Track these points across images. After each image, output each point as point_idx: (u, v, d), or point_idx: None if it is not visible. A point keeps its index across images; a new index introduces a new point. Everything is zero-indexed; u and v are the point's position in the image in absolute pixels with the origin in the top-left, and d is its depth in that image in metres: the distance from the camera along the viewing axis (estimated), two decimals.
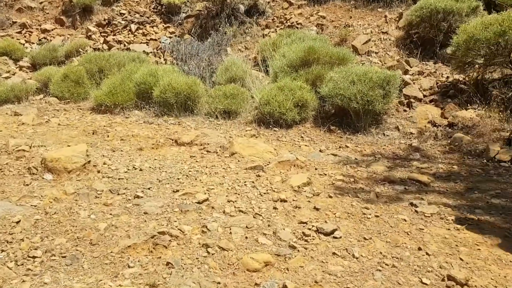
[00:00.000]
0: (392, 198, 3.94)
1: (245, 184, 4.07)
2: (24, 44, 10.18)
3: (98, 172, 4.18)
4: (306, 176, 4.27)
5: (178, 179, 4.12)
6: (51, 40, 10.39)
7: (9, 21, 11.10)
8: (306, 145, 5.62)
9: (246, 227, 3.16)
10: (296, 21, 8.84)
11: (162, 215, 3.32)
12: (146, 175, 4.25)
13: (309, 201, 3.76)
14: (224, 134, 5.75)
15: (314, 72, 6.43)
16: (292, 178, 4.24)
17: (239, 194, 3.82)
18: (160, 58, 8.92)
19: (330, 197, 3.87)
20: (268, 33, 8.86)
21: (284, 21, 8.96)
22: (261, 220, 3.29)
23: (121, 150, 5.13)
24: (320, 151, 5.39)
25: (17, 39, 10.29)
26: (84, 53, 9.44)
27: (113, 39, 10.09)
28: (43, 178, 3.87)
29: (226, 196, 3.74)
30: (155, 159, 4.81)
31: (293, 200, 3.74)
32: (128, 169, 4.39)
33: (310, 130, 6.14)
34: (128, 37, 10.02)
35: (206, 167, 4.54)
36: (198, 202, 3.54)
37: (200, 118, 6.67)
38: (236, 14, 9.15)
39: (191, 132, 5.70)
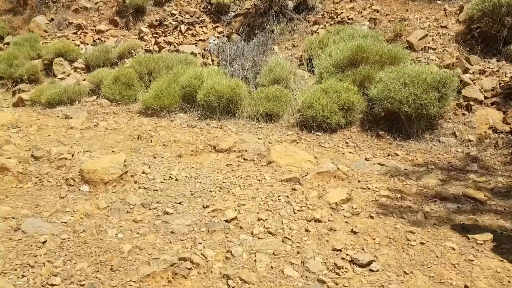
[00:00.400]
0: (442, 219, 3.54)
1: (278, 199, 3.86)
2: (79, 45, 10.56)
3: (135, 182, 4.16)
4: (346, 191, 3.97)
5: (211, 191, 3.99)
6: (105, 41, 10.71)
7: (66, 22, 11.57)
8: (350, 152, 5.28)
9: (273, 253, 2.95)
10: (347, 16, 8.38)
11: (188, 235, 3.20)
12: (181, 186, 4.16)
13: (346, 222, 3.47)
14: (264, 140, 5.56)
15: (362, 72, 6.03)
16: (330, 193, 3.96)
17: (270, 211, 3.61)
18: (207, 59, 8.87)
19: (371, 217, 3.55)
20: (317, 29, 8.49)
21: (335, 16, 8.53)
22: (290, 245, 3.07)
23: (162, 157, 5.11)
24: (366, 159, 5.03)
25: (73, 40, 10.70)
26: (135, 54, 9.62)
27: (164, 40, 10.20)
28: (79, 189, 3.91)
29: (257, 213, 3.55)
30: (192, 167, 4.72)
31: (329, 221, 3.47)
32: (165, 179, 4.34)
33: (356, 135, 5.77)
34: (178, 38, 10.08)
35: (241, 177, 4.38)
36: (227, 221, 3.38)
37: (241, 121, 6.52)
38: (284, 11, 8.87)
39: (230, 137, 5.56)
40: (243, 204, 3.68)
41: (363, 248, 3.07)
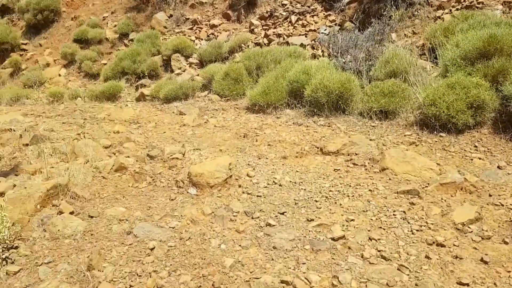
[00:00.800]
0: None
1: (393, 215, 3.46)
2: (194, 41, 10.97)
3: (239, 186, 4.10)
4: (475, 209, 3.40)
5: (316, 201, 3.74)
6: (217, 36, 10.97)
7: (183, 17, 12.10)
8: (480, 158, 4.58)
9: (387, 284, 2.61)
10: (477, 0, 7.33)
11: (291, 252, 3.01)
12: (284, 193, 3.99)
13: (475, 248, 2.96)
14: (377, 141, 5.11)
15: (495, 65, 5.18)
16: (456, 210, 3.44)
17: (384, 229, 3.24)
18: (317, 50, 8.53)
19: (506, 243, 2.99)
20: (441, 15, 7.58)
21: (462, 0, 7.52)
22: (407, 274, 2.69)
23: (266, 158, 5.00)
24: (499, 167, 4.31)
25: (188, 35, 11.16)
26: (245, 48, 9.69)
27: (273, 32, 10.09)
28: (188, 192, 3.98)
29: (368, 231, 3.22)
30: (296, 171, 4.52)
31: (454, 245, 2.99)
32: (268, 184, 4.21)
33: (487, 137, 4.99)
34: (288, 29, 9.88)
35: (350, 186, 4.05)
36: (333, 239, 3.11)
37: (352, 118, 6.11)
38: None
39: (338, 138, 5.22)
40: (352, 220, 3.36)
41: (495, 283, 2.57)
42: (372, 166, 4.47)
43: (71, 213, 3.51)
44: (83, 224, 3.37)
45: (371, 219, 3.41)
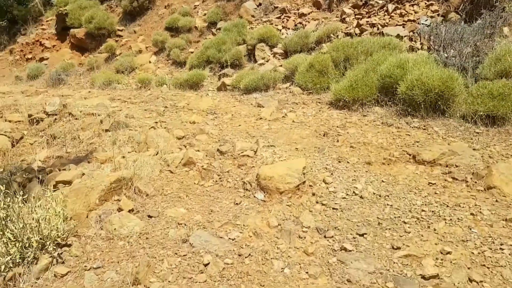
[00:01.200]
0: None
1: (500, 249, 2.76)
2: (280, 30, 10.56)
3: (313, 195, 3.63)
4: None
5: (405, 223, 3.15)
6: (305, 25, 10.44)
7: (272, 6, 11.72)
8: None
9: None
10: None
11: None
12: (366, 208, 3.44)
13: None
14: (481, 152, 4.30)
15: None
16: None
17: (488, 268, 2.58)
18: (415, 42, 7.64)
19: None
20: None
21: None
22: None
23: (347, 162, 4.45)
24: None
25: (275, 25, 10.76)
26: (334, 38, 9.05)
27: (367, 22, 9.30)
28: (254, 196, 3.61)
29: (468, 269, 2.58)
30: (382, 181, 3.92)
31: None
32: (347, 194, 3.68)
33: None
34: (383, 19, 9.03)
35: (447, 206, 3.37)
36: (424, 277, 2.53)
37: (452, 122, 5.28)
38: None
39: (435, 145, 4.49)
40: (448, 252, 2.73)
41: None
42: (475, 182, 3.73)
43: (131, 210, 3.33)
44: (140, 225, 3.16)
45: (472, 253, 2.75)
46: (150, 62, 11.72)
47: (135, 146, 4.66)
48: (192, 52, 11.40)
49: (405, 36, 7.80)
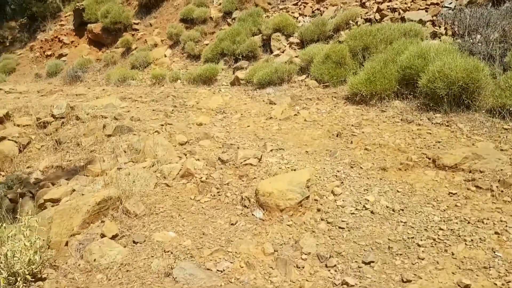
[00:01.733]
0: None
1: None
2: (297, 18, 10.07)
3: (318, 211, 3.32)
4: None
5: (419, 245, 2.81)
6: (323, 12, 9.93)
7: None
8: None
9: None
10: None
11: None
12: (376, 226, 3.10)
13: None
14: (510, 153, 3.87)
15: None
16: None
17: None
18: (439, 27, 7.07)
19: None
20: None
21: None
22: None
23: (361, 167, 4.10)
24: None
25: (292, 12, 10.28)
26: (353, 25, 8.55)
27: (388, 6, 8.73)
28: (252, 214, 3.32)
29: None
30: (397, 191, 3.57)
31: None
32: (357, 209, 3.35)
33: None
34: (405, 3, 8.45)
35: (469, 221, 3.00)
36: None
37: (478, 117, 4.83)
38: None
39: (458, 146, 4.09)
40: (467, 286, 2.38)
41: None
42: (502, 191, 3.33)
43: (115, 236, 3.11)
44: (123, 253, 2.94)
45: (495, 284, 2.39)
46: (165, 56, 11.52)
47: (134, 155, 4.45)
48: (207, 45, 11.10)
49: (428, 21, 7.24)
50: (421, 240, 2.84)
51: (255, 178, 3.80)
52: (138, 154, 4.37)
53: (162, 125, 5.52)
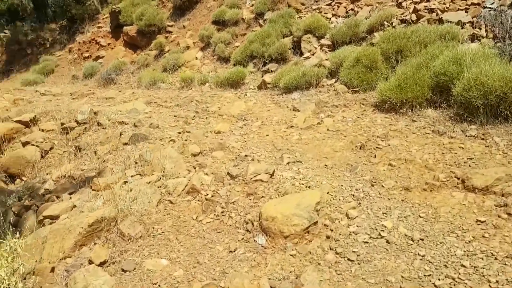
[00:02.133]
0: None
1: None
2: (330, 19, 9.70)
3: (327, 238, 3.04)
4: None
5: (435, 286, 2.48)
6: (358, 12, 9.50)
7: None
8: None
9: None
10: None
11: None
12: (391, 259, 2.79)
13: None
14: None
15: None
16: None
17: None
18: (479, 29, 6.53)
19: None
20: None
21: None
22: None
23: (382, 186, 3.78)
24: None
25: (325, 13, 9.92)
26: (388, 26, 8.11)
27: (425, 6, 8.21)
28: (254, 240, 3.08)
29: None
30: (419, 217, 3.24)
31: None
32: (371, 237, 3.05)
33: None
34: (443, 3, 7.90)
35: (496, 257, 2.64)
36: None
37: None
38: None
39: (491, 165, 3.67)
40: None
41: None
42: None
43: (103, 263, 2.96)
44: (109, 283, 2.78)
45: None
46: (196, 58, 11.47)
47: (143, 167, 4.33)
48: (237, 47, 10.95)
49: (467, 23, 6.71)
50: (439, 279, 2.51)
51: (263, 197, 3.57)
52: (148, 166, 4.25)
53: (180, 133, 5.39)
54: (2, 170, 5.80)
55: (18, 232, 3.24)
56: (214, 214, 3.51)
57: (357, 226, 3.16)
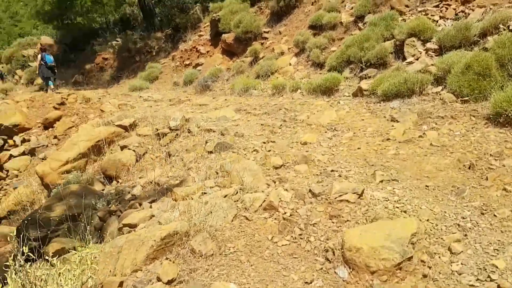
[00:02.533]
0: None
1: None
2: (437, 21, 8.83)
3: (424, 277, 2.56)
4: None
5: None
6: (468, 14, 8.50)
7: None
8: None
9: None
10: None
11: None
12: None
13: None
14: None
15: None
16: None
17: None
18: None
19: None
20: None
21: None
22: None
23: (494, 215, 3.17)
24: None
25: (431, 15, 9.06)
26: (504, 30, 7.08)
27: None
28: (335, 272, 2.70)
29: None
30: None
31: None
32: (478, 279, 2.51)
33: None
34: None
35: None
36: None
37: None
38: None
39: None
40: None
41: None
42: None
43: (171, 281, 2.79)
44: None
45: None
46: (290, 64, 11.28)
47: (223, 178, 4.18)
48: (333, 51, 10.51)
49: None
50: None
51: (348, 220, 3.16)
52: (227, 178, 4.09)
53: (264, 142, 5.18)
54: (101, 172, 6.15)
55: (100, 238, 3.26)
56: (291, 236, 3.19)
57: (461, 264, 2.63)
